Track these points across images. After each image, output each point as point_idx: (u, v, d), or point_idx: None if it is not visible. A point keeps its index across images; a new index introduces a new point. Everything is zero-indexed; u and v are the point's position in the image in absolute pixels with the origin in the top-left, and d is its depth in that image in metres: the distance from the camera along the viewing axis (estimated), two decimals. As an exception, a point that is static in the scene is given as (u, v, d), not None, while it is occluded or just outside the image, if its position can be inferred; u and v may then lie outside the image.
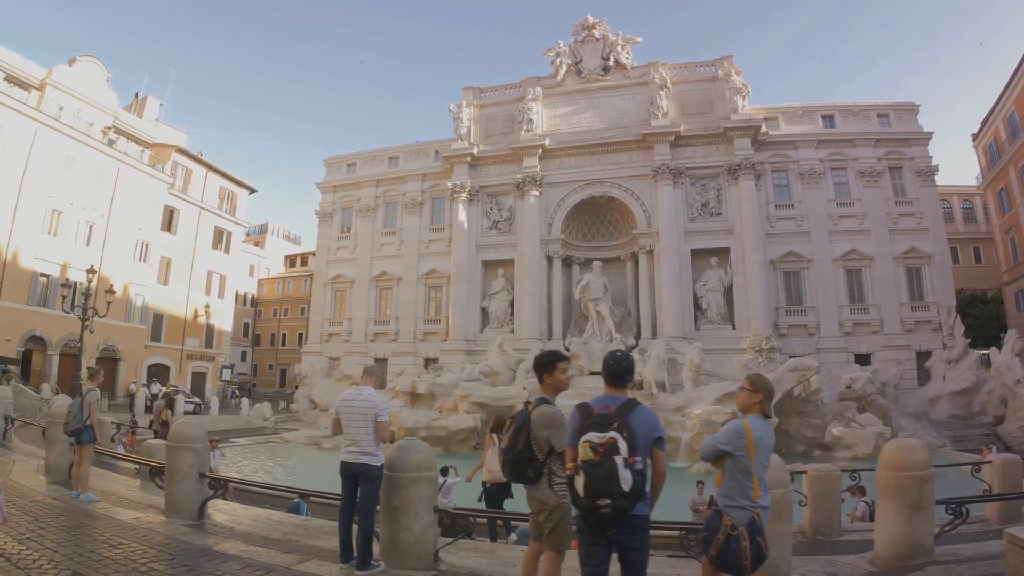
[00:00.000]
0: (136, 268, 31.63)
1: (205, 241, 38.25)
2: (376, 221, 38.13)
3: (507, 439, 3.86)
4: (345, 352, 36.55)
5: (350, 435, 5.33)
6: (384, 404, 5.49)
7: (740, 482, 3.84)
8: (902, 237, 29.50)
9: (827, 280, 29.87)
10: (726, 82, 31.52)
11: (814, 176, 30.88)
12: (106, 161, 30.98)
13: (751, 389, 4.08)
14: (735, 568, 3.77)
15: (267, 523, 7.18)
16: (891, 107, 31.22)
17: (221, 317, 39.67)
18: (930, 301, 28.59)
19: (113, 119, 32.03)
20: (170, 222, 35.47)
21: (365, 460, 5.27)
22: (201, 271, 37.78)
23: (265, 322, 55.36)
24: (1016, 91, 31.15)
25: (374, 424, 5.31)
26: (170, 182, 34.62)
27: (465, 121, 35.15)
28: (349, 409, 5.38)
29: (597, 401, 3.51)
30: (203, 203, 37.95)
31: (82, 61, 31.45)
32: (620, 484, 3.13)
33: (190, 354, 36.26)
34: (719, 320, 30.30)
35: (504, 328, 32.86)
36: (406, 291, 36.42)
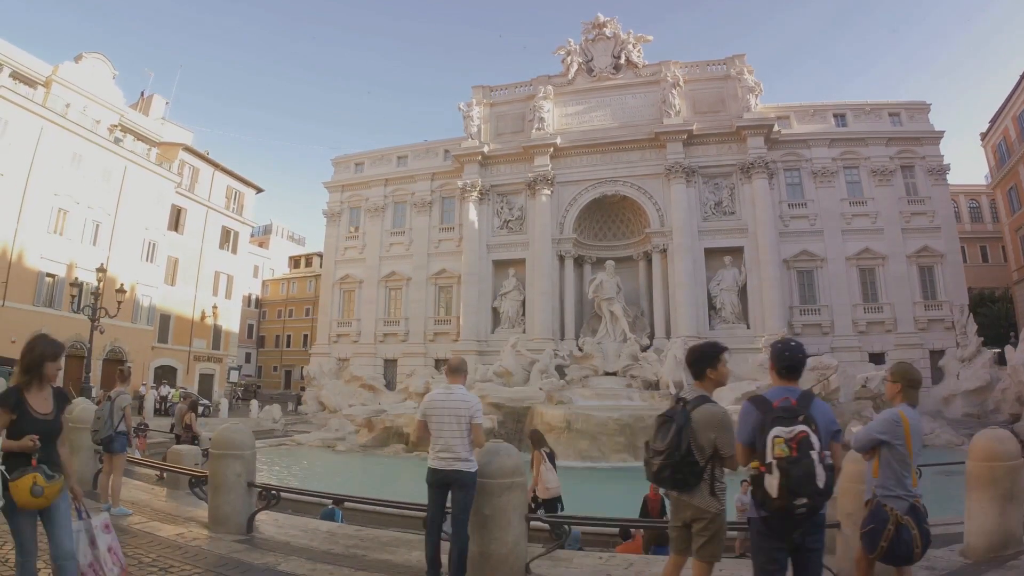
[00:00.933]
0: (143, 268, 31.38)
1: (212, 241, 37.95)
2: (385, 221, 37.97)
3: (666, 440, 3.49)
4: (354, 353, 36.35)
5: (441, 439, 4.93)
6: (478, 404, 5.15)
7: (897, 471, 3.85)
8: (915, 236, 29.77)
9: (841, 279, 30.06)
10: (738, 81, 31.63)
11: (827, 175, 31.03)
12: (113, 159, 30.69)
13: (891, 379, 4.04)
14: (906, 557, 3.72)
15: (320, 535, 6.74)
16: (902, 106, 31.51)
17: (228, 318, 39.36)
18: (943, 300, 28.90)
19: (119, 117, 31.74)
20: (177, 221, 35.19)
21: (460, 467, 4.88)
22: (208, 271, 37.50)
23: (269, 323, 55.04)
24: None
25: (468, 427, 4.94)
26: (177, 181, 34.36)
27: (475, 120, 35.08)
28: (439, 411, 5.00)
29: (774, 393, 3.34)
30: (210, 202, 37.68)
31: (88, 58, 31.16)
32: (816, 481, 2.95)
33: (197, 355, 35.96)
34: (733, 319, 30.37)
35: (516, 328, 32.78)
36: (416, 291, 36.29)
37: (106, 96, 31.60)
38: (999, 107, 35.29)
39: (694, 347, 3.95)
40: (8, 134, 26.51)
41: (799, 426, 3.03)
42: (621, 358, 29.03)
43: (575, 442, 20.96)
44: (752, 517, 3.27)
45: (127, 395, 7.54)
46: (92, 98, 30.81)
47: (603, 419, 21.15)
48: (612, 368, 28.82)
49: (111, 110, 31.48)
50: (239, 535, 6.26)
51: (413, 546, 6.18)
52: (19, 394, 3.59)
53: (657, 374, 26.79)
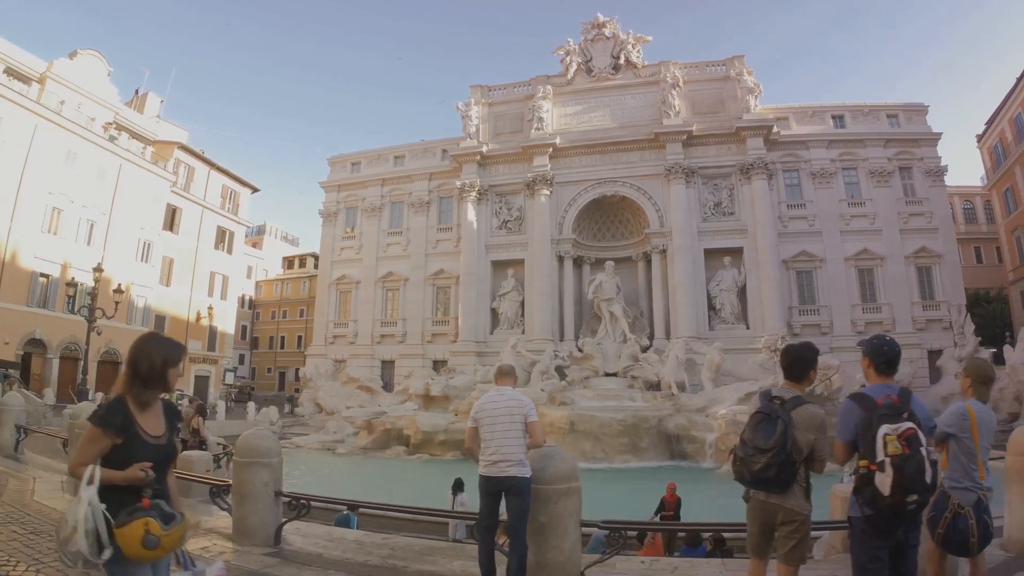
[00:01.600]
0: (138, 268, 31.19)
1: (207, 241, 37.75)
2: (382, 221, 37.93)
3: (772, 439, 3.36)
4: (351, 354, 36.27)
5: (494, 443, 4.69)
6: (532, 403, 4.93)
7: (964, 464, 3.96)
8: (913, 236, 30.17)
9: (839, 279, 30.39)
10: (738, 82, 31.92)
11: (825, 176, 31.36)
12: (108, 157, 30.49)
13: (964, 375, 4.17)
14: (962, 547, 3.82)
15: (350, 545, 6.45)
16: (900, 108, 31.93)
17: (223, 319, 39.15)
18: (940, 300, 29.31)
19: (114, 115, 31.52)
20: (172, 221, 34.96)
21: (515, 472, 4.63)
22: (203, 272, 37.29)
23: (263, 325, 54.79)
24: (1023, 94, 32.02)
25: (523, 427, 4.73)
26: (172, 180, 34.20)
27: (474, 119, 35.15)
28: (492, 413, 4.77)
29: (876, 390, 3.38)
30: (205, 202, 37.43)
31: (83, 55, 30.94)
32: (925, 477, 2.98)
33: (192, 357, 35.67)
34: (733, 320, 30.60)
35: (515, 329, 32.83)
36: (413, 292, 36.26)
37: (101, 93, 31.40)
38: (995, 109, 35.89)
39: (791, 349, 3.88)
40: (2, 131, 26.29)
41: (906, 423, 3.07)
42: (621, 359, 29.11)
43: (578, 443, 21.04)
44: (855, 516, 3.28)
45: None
46: (87, 95, 30.60)
47: (606, 420, 21.26)
48: (612, 369, 28.91)
49: (106, 107, 31.27)
50: (267, 547, 5.95)
51: (446, 554, 6.12)
52: (126, 411, 2.81)
53: (658, 375, 26.88)
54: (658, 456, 20.99)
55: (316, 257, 60.66)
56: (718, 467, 19.42)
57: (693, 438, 20.93)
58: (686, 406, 22.86)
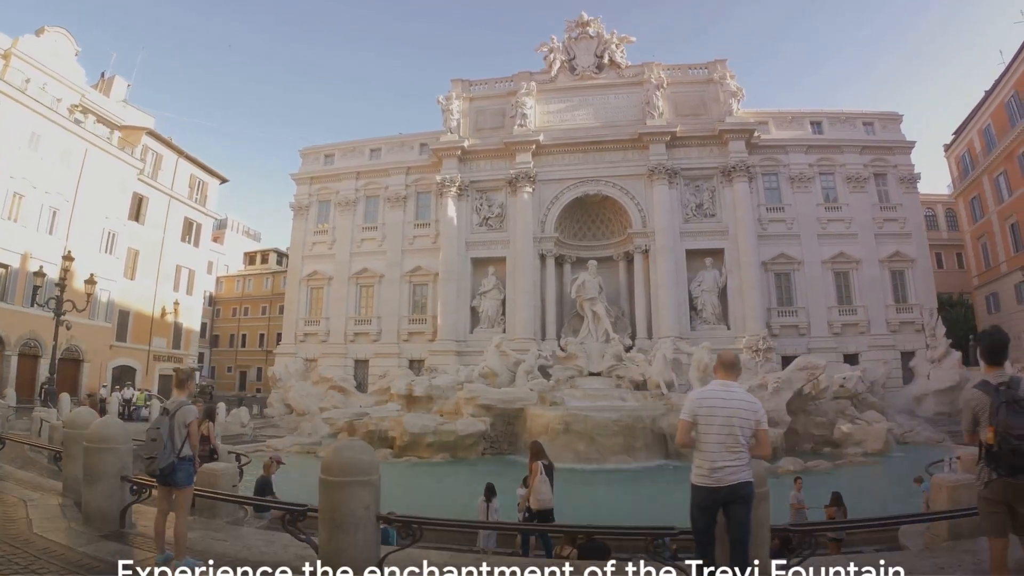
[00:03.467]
0: (102, 260, 29.85)
1: (174, 232, 36.49)
2: (356, 215, 37.49)
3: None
4: (322, 353, 35.72)
5: (715, 446, 4.29)
6: (763, 408, 4.51)
7: None
8: (887, 241, 31.69)
9: (817, 282, 31.65)
10: (720, 85, 32.91)
11: (803, 180, 32.62)
12: (74, 141, 29.15)
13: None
14: None
15: None
16: (875, 116, 33.51)
17: (189, 315, 37.92)
18: (913, 303, 30.89)
19: (80, 97, 30.21)
20: (138, 211, 33.65)
21: (742, 477, 4.27)
22: (169, 265, 36.00)
23: (224, 322, 53.33)
24: (993, 106, 34.17)
25: (751, 434, 4.35)
26: (140, 167, 32.87)
27: (455, 113, 35.17)
28: (717, 413, 4.33)
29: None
30: (173, 191, 36.15)
31: (50, 32, 29.58)
32: None
33: (157, 355, 34.43)
34: (714, 320, 31.51)
35: (496, 328, 32.97)
36: (389, 289, 35.96)
37: (68, 74, 30.01)
38: (963, 121, 38.10)
39: (989, 336, 4.19)
40: (-40, 109, 24.84)
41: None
42: (605, 358, 29.56)
43: (573, 444, 21.23)
44: None
45: (192, 408, 5.85)
46: (53, 75, 29.19)
47: (602, 420, 21.48)
48: (596, 368, 29.33)
49: (72, 89, 29.89)
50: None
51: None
52: None
53: (644, 374, 27.45)
54: (652, 456, 21.31)
55: (279, 253, 59.56)
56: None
57: (689, 437, 21.38)
58: (677, 405, 23.32)
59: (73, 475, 7.58)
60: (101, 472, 6.50)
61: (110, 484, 6.51)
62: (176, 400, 5.90)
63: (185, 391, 6.05)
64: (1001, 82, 33.11)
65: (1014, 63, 31.79)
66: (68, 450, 7.87)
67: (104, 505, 6.51)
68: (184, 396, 6.00)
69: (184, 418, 5.72)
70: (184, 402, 5.83)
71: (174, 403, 5.85)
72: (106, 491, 6.51)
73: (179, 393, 6.03)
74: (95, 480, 6.53)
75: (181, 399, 5.90)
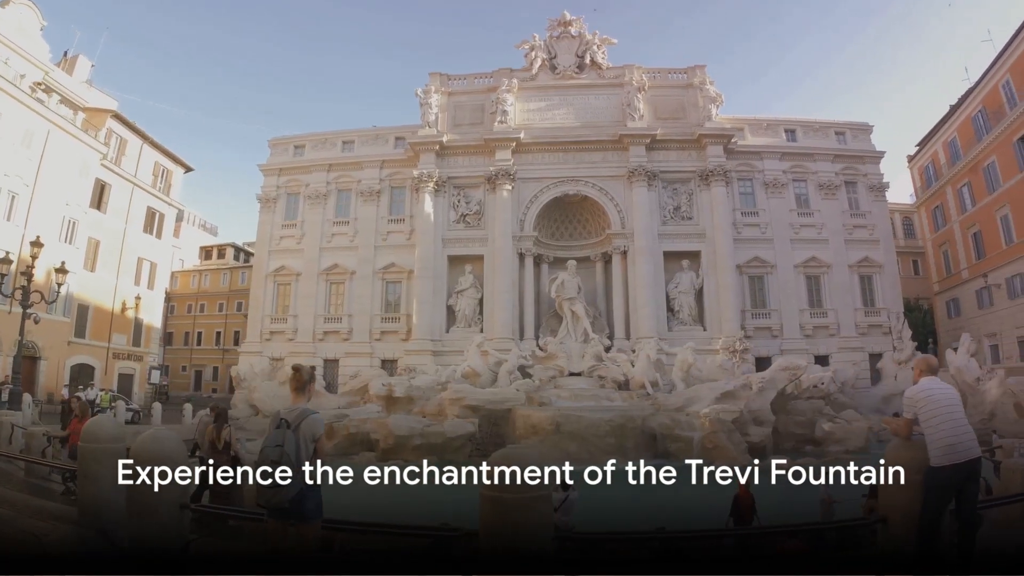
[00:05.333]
0: (62, 249, 27.57)
1: (136, 223, 34.28)
2: (327, 209, 36.32)
3: None
4: (289, 352, 34.36)
5: (949, 428, 4.75)
6: None
7: None
8: (856, 247, 32.90)
9: (789, 285, 32.52)
10: (700, 90, 33.47)
11: (777, 186, 33.45)
12: (36, 121, 26.96)
13: None
14: None
15: None
16: (847, 126, 34.73)
17: (150, 311, 35.76)
18: (881, 307, 32.11)
19: (44, 75, 28.01)
20: (100, 198, 31.37)
21: (978, 452, 4.86)
22: (131, 257, 33.78)
23: (178, 319, 50.76)
24: (959, 120, 35.97)
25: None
26: (104, 152, 30.65)
27: (433, 107, 34.57)
28: (935, 402, 4.91)
29: None
30: (137, 179, 33.92)
31: (15, 4, 27.38)
32: None
33: (116, 353, 32.20)
34: (690, 321, 31.94)
35: (473, 328, 32.49)
36: (360, 286, 34.94)
37: (32, 49, 27.76)
38: (927, 133, 40.01)
39: None
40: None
41: None
42: (586, 358, 29.48)
43: (563, 445, 21.02)
44: None
45: (318, 416, 4.70)
46: (17, 49, 26.93)
47: (595, 420, 21.34)
48: (576, 368, 29.20)
49: (36, 66, 27.64)
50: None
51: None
52: None
53: (626, 374, 27.48)
54: (642, 456, 21.27)
55: (236, 248, 57.28)
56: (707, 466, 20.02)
57: (677, 437, 21.46)
58: (666, 405, 23.46)
59: (93, 499, 6.29)
60: (155, 500, 5.21)
61: (168, 516, 5.26)
62: (298, 408, 4.65)
63: (305, 395, 4.88)
64: (969, 98, 34.99)
65: (983, 80, 33.66)
66: (86, 469, 6.41)
67: (159, 543, 5.27)
68: (305, 402, 4.81)
69: (312, 431, 4.58)
70: (308, 411, 4.64)
71: (295, 412, 4.61)
72: (162, 525, 5.26)
73: (298, 398, 4.84)
74: (146, 511, 5.27)
75: (303, 406, 4.70)
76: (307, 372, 4.93)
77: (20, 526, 6.40)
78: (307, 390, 4.88)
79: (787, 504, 12.05)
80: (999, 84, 31.95)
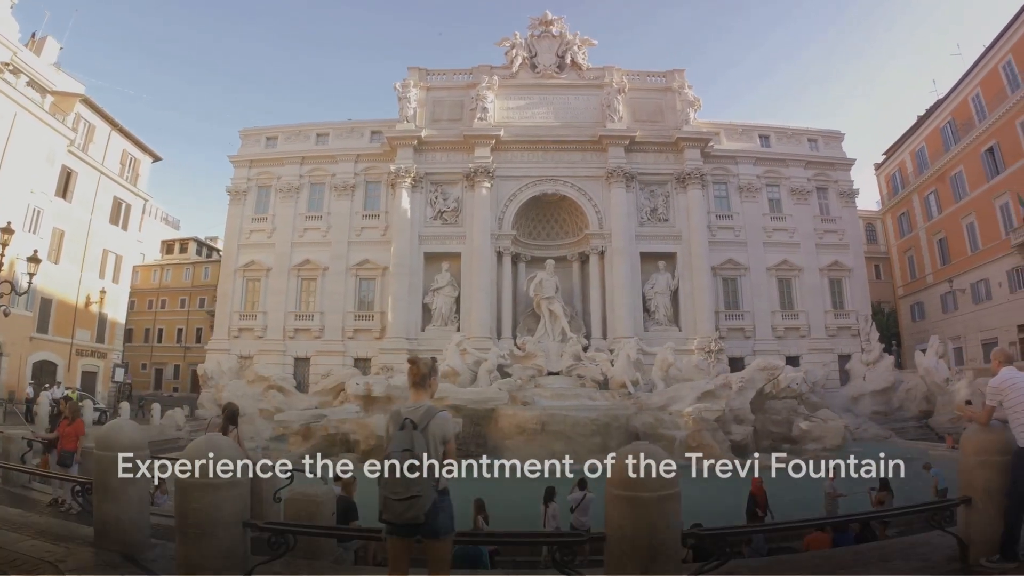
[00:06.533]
0: (26, 240, 25.67)
1: (103, 213, 32.32)
2: (299, 203, 35.31)
3: None
4: (259, 350, 33.30)
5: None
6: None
7: None
8: (827, 251, 33.73)
9: (762, 287, 33.09)
10: (678, 94, 33.78)
11: (751, 190, 34.01)
12: (3, 103, 25.01)
13: None
14: None
15: None
16: (819, 133, 35.59)
17: (115, 306, 33.86)
18: (850, 309, 32.93)
19: (12, 55, 26.08)
20: (66, 186, 29.41)
21: None
22: (96, 249, 31.77)
23: (138, 315, 48.50)
24: (928, 130, 37.30)
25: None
26: (71, 138, 28.83)
27: (412, 102, 33.98)
28: (1021, 388, 5.16)
29: None
30: (104, 167, 32.08)
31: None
32: None
33: (80, 349, 30.30)
34: (666, 322, 32.20)
35: (449, 326, 32.04)
36: (333, 283, 34.07)
37: (2, 28, 25.79)
38: (895, 142, 41.38)
39: None
40: None
41: None
42: (564, 358, 29.38)
43: (549, 444, 20.87)
44: None
45: (446, 414, 4.13)
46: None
47: (580, 420, 21.24)
48: (555, 368, 29.06)
49: (5, 45, 25.67)
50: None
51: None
52: None
53: (605, 373, 27.47)
54: (627, 455, 21.25)
55: (199, 242, 55.27)
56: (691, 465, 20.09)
57: (661, 436, 21.46)
58: (648, 405, 23.51)
59: (114, 518, 5.47)
60: (214, 519, 4.41)
61: (229, 537, 4.46)
62: (422, 406, 4.03)
63: (427, 391, 4.23)
64: (938, 109, 36.30)
65: (953, 93, 34.97)
66: (106, 482, 5.48)
67: (218, 570, 4.46)
68: (427, 398, 4.20)
69: (443, 431, 3.98)
70: (435, 408, 4.04)
71: (420, 410, 3.99)
72: (222, 548, 4.47)
73: (419, 395, 4.19)
74: (204, 533, 4.44)
75: (427, 403, 4.09)
76: (426, 364, 4.29)
77: (27, 551, 5.47)
78: (428, 384, 4.23)
79: (788, 498, 12.11)
80: (969, 97, 33.21)
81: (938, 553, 5.37)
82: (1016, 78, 29.21)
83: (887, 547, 5.94)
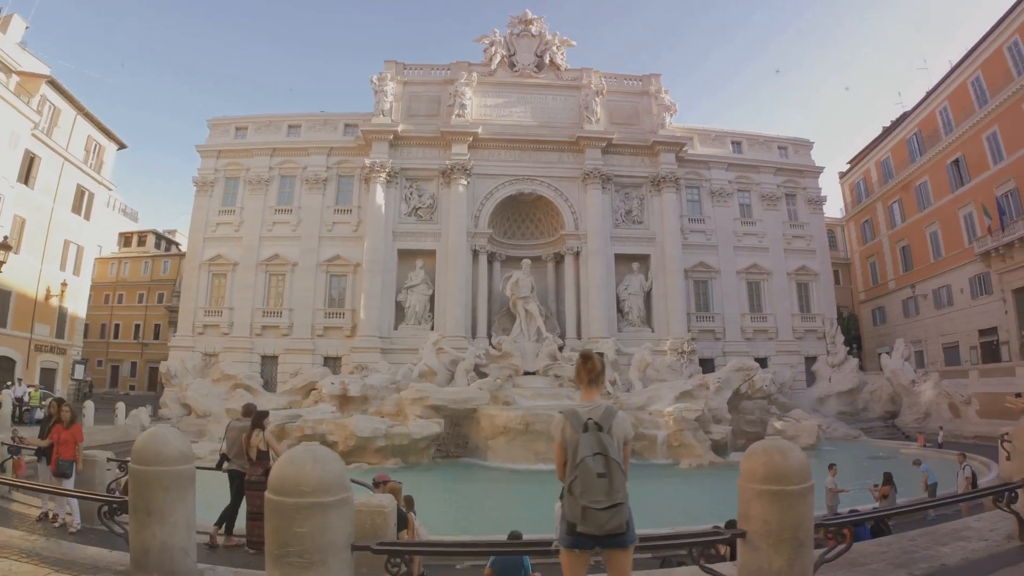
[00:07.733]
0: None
1: (65, 201, 30.30)
2: (268, 196, 34.22)
3: None
4: (224, 348, 32.12)
5: None
6: None
7: None
8: (795, 256, 34.58)
9: (732, 290, 33.72)
10: (655, 98, 34.07)
11: (723, 195, 34.57)
12: None
13: None
14: None
15: None
16: (789, 141, 36.42)
17: (76, 299, 31.90)
18: (816, 313, 33.78)
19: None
20: (28, 172, 27.39)
21: None
22: (58, 239, 29.75)
23: (95, 310, 45.99)
24: (894, 141, 38.52)
25: None
26: (36, 121, 26.91)
27: (388, 95, 33.36)
28: None
29: None
30: (69, 152, 30.13)
31: None
32: None
33: (39, 344, 28.37)
34: (639, 323, 32.45)
35: (423, 325, 31.54)
36: (303, 279, 33.11)
37: None
38: (859, 152, 42.67)
39: None
40: None
41: None
42: (540, 357, 29.22)
43: (531, 444, 20.74)
44: None
45: (624, 414, 3.71)
46: None
47: (564, 420, 20.95)
48: (531, 367, 28.88)
49: None
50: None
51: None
52: None
53: (584, 372, 27.29)
54: (609, 454, 21.15)
55: (158, 235, 53.03)
56: (676, 463, 20.18)
57: (642, 435, 21.48)
58: (628, 404, 23.58)
59: (160, 544, 4.59)
60: (323, 544, 3.69)
61: (339, 564, 3.76)
62: (600, 405, 3.55)
63: (600, 389, 3.81)
64: (905, 121, 37.59)
65: (920, 107, 36.35)
66: (148, 502, 4.63)
67: None
68: (601, 397, 3.83)
69: (624, 432, 3.53)
70: (613, 408, 3.56)
71: (600, 410, 3.49)
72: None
73: (593, 392, 3.75)
74: (313, 562, 3.65)
75: (603, 402, 3.62)
76: (599, 359, 3.85)
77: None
78: (600, 382, 3.79)
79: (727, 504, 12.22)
80: (936, 110, 34.48)
81: (995, 534, 5.62)
82: (984, 94, 30.47)
83: (937, 532, 6.02)
